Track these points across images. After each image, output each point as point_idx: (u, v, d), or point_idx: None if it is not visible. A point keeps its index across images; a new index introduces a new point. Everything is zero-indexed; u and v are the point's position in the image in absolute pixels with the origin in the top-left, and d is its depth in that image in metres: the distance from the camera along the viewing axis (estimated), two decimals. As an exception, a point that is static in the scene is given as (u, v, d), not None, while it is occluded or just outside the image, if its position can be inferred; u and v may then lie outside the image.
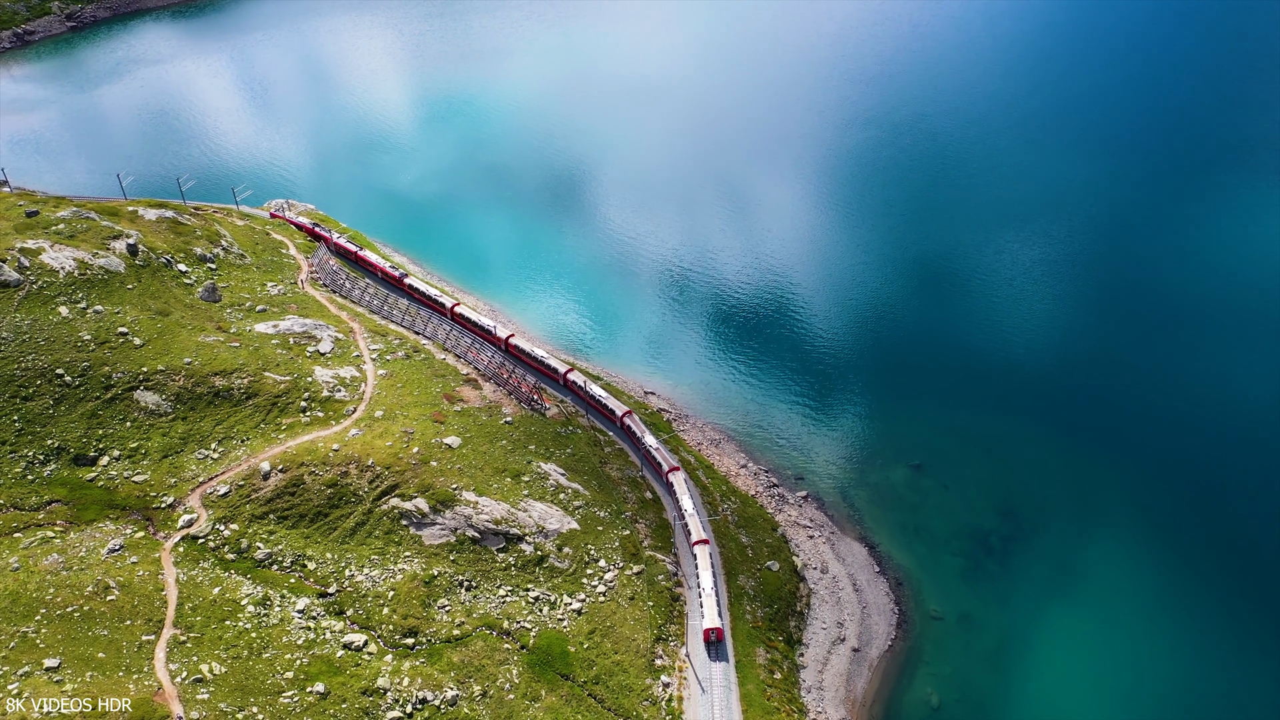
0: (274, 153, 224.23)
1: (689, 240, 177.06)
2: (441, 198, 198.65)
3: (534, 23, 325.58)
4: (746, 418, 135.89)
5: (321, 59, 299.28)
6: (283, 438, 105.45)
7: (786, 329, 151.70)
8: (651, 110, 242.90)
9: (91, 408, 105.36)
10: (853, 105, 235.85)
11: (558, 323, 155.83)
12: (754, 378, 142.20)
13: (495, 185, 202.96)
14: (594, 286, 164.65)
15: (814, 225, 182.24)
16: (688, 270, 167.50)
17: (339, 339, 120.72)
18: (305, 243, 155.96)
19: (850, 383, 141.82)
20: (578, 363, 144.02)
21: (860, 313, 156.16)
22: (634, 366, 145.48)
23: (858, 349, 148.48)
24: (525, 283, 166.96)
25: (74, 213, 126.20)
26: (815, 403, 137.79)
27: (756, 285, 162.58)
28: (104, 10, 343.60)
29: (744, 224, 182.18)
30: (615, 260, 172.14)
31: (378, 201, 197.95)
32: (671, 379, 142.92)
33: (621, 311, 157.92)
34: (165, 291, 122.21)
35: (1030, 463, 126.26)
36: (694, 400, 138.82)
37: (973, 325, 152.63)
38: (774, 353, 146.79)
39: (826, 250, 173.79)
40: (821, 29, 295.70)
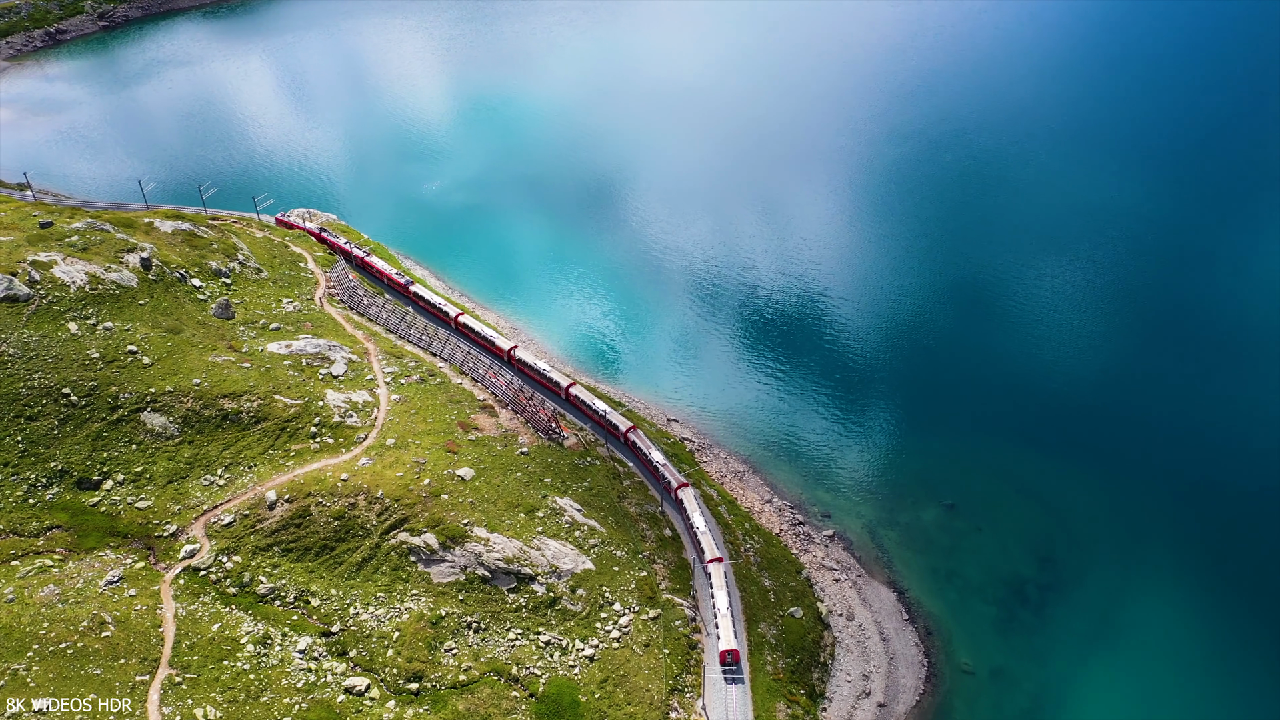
0: (298, 160, 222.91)
1: (717, 259, 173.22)
2: (466, 209, 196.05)
3: (565, 28, 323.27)
4: (772, 448, 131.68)
5: (349, 63, 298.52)
6: (291, 465, 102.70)
7: (816, 354, 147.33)
8: (682, 120, 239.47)
9: (97, 429, 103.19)
10: (890, 119, 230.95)
11: (581, 344, 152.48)
12: (781, 406, 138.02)
13: (521, 196, 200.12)
14: (619, 306, 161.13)
15: (847, 244, 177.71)
16: (716, 291, 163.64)
17: (353, 361, 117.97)
18: (325, 255, 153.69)
19: (881, 413, 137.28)
20: (599, 386, 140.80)
21: (893, 338, 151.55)
22: (658, 392, 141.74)
23: (890, 376, 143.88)
24: (548, 300, 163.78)
25: (89, 224, 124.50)
26: (844, 434, 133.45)
27: (786, 307, 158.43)
28: (136, 10, 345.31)
29: (775, 242, 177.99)
30: (642, 278, 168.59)
31: (401, 212, 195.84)
32: (696, 406, 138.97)
33: (646, 333, 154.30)
34: (177, 308, 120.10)
35: (1071, 505, 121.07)
36: (718, 429, 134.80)
37: (1011, 354, 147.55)
38: (802, 379, 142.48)
39: (859, 271, 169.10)
40: (859, 39, 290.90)
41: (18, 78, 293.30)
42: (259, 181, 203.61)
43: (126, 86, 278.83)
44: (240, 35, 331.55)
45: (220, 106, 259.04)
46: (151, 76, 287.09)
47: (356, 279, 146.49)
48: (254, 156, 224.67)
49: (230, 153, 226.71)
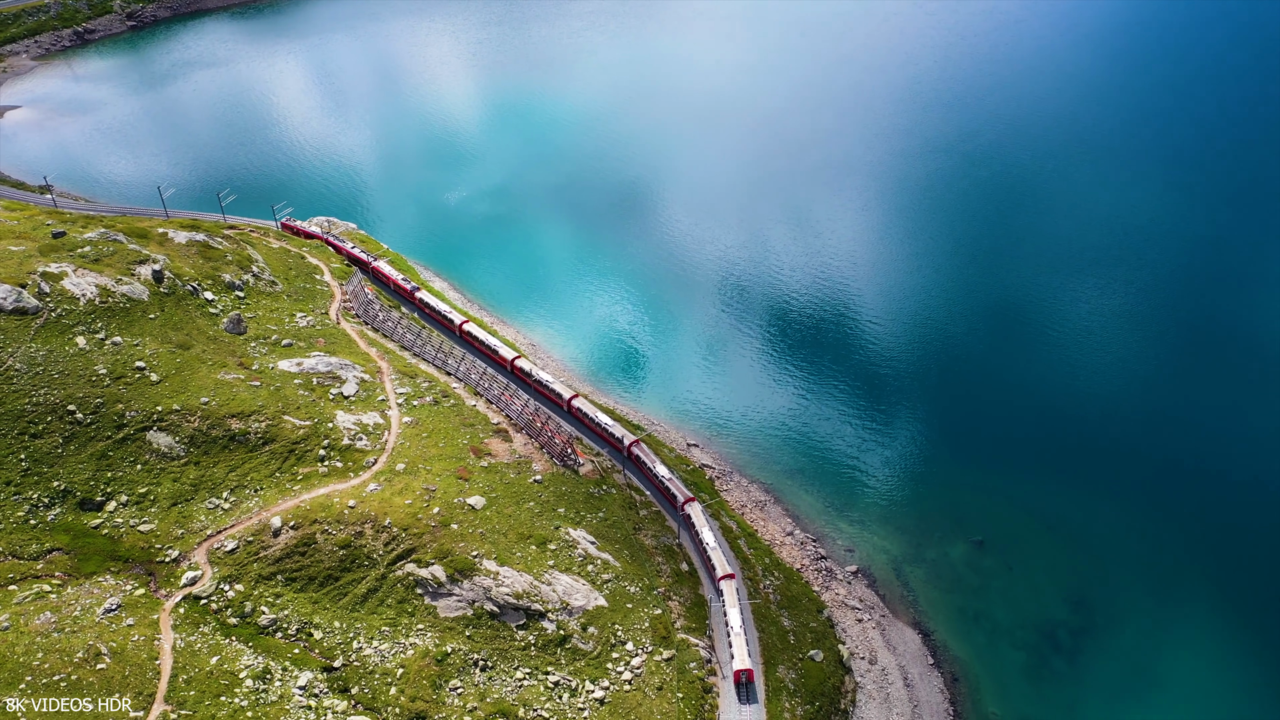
0: (319, 166, 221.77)
1: (744, 276, 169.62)
2: (488, 219, 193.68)
3: (594, 33, 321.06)
4: (795, 476, 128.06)
5: (375, 67, 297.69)
6: (297, 489, 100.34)
7: (842, 377, 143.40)
8: (711, 128, 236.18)
9: (102, 448, 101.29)
10: (923, 131, 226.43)
11: (603, 363, 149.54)
12: (805, 430, 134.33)
13: (544, 206, 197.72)
14: (643, 324, 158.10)
15: (877, 262, 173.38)
16: (741, 310, 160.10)
17: (365, 380, 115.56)
18: (342, 267, 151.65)
19: (909, 440, 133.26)
20: (619, 407, 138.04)
21: (923, 361, 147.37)
22: (679, 415, 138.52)
23: (919, 401, 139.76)
24: (569, 317, 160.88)
25: (102, 234, 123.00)
26: (871, 461, 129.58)
27: (812, 327, 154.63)
28: (164, 10, 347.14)
29: (803, 259, 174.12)
30: (666, 295, 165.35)
31: (422, 222, 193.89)
32: (717, 429, 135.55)
33: (670, 353, 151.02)
34: (188, 322, 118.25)
35: (1107, 545, 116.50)
36: (740, 454, 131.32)
37: (1046, 381, 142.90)
38: (828, 403, 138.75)
39: (889, 290, 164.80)
40: (893, 48, 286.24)
41: (45, 77, 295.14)
42: (279, 188, 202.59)
43: (152, 88, 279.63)
44: (267, 36, 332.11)
45: (243, 110, 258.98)
46: (177, 78, 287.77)
47: (373, 292, 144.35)
48: (275, 162, 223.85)
49: (251, 158, 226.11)
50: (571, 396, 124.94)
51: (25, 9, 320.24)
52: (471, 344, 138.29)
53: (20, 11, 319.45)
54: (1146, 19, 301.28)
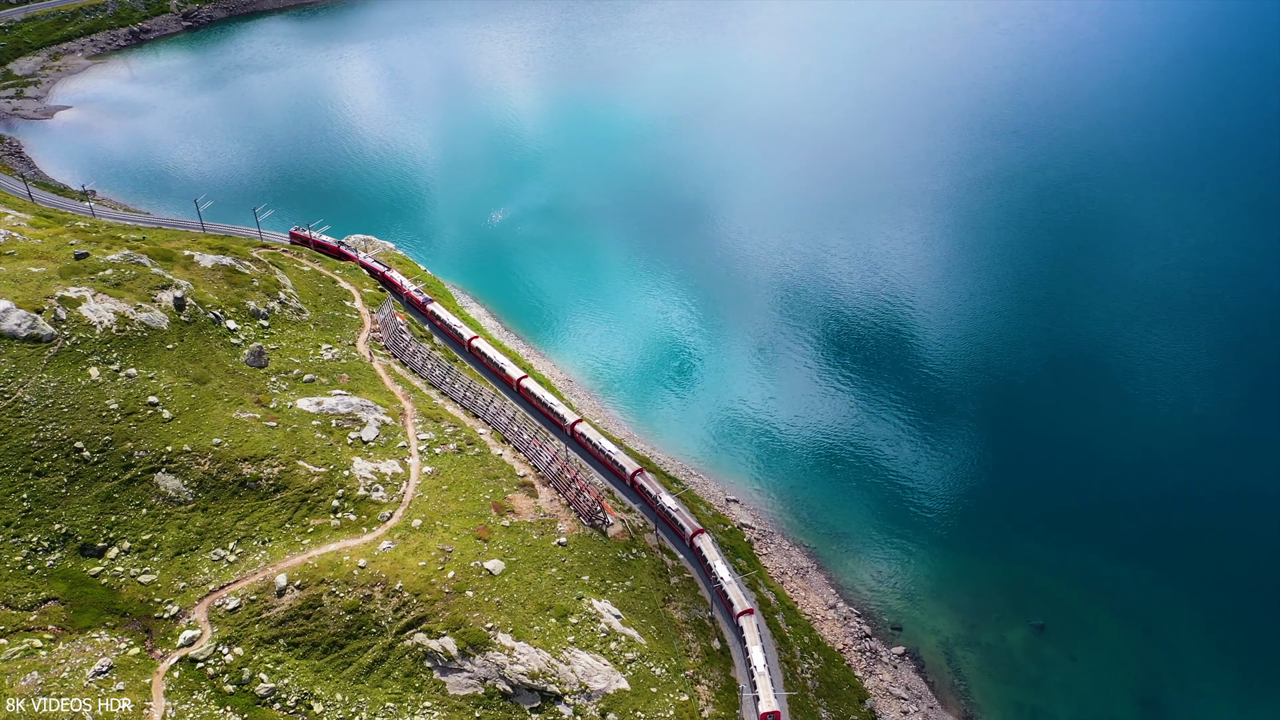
0: (362, 180, 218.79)
1: (793, 317, 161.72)
2: (533, 242, 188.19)
3: (651, 44, 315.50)
4: (841, 541, 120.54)
5: (425, 76, 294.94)
6: (306, 544, 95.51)
7: (895, 434, 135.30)
8: (769, 149, 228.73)
9: (107, 489, 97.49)
10: (992, 160, 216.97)
11: (643, 406, 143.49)
12: (853, 491, 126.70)
13: (590, 230, 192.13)
14: (683, 363, 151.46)
15: (937, 303, 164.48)
16: (790, 356, 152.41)
17: (386, 424, 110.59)
18: (375, 293, 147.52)
19: (967, 506, 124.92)
20: (655, 455, 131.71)
21: (983, 418, 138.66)
22: (719, 466, 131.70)
23: (978, 463, 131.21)
24: (611, 355, 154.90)
25: (125, 256, 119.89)
26: (923, 528, 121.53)
27: (866, 378, 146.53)
28: (220, 10, 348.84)
29: (859, 297, 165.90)
30: (708, 334, 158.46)
31: (464, 244, 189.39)
32: (759, 484, 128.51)
33: (713, 399, 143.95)
34: (208, 353, 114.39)
35: (1184, 637, 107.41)
36: (782, 513, 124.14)
37: (1119, 443, 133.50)
38: (879, 462, 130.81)
39: (949, 336, 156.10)
40: (962, 69, 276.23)
41: (98, 77, 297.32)
42: (318, 202, 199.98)
43: (201, 91, 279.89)
44: (320, 40, 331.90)
45: (290, 117, 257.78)
46: (227, 82, 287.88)
47: (405, 321, 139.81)
48: (317, 175, 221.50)
49: (292, 169, 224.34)
50: (575, 421, 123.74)
51: (83, 7, 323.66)
52: (480, 360, 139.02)
53: (78, 10, 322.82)
54: (1238, 46, 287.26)
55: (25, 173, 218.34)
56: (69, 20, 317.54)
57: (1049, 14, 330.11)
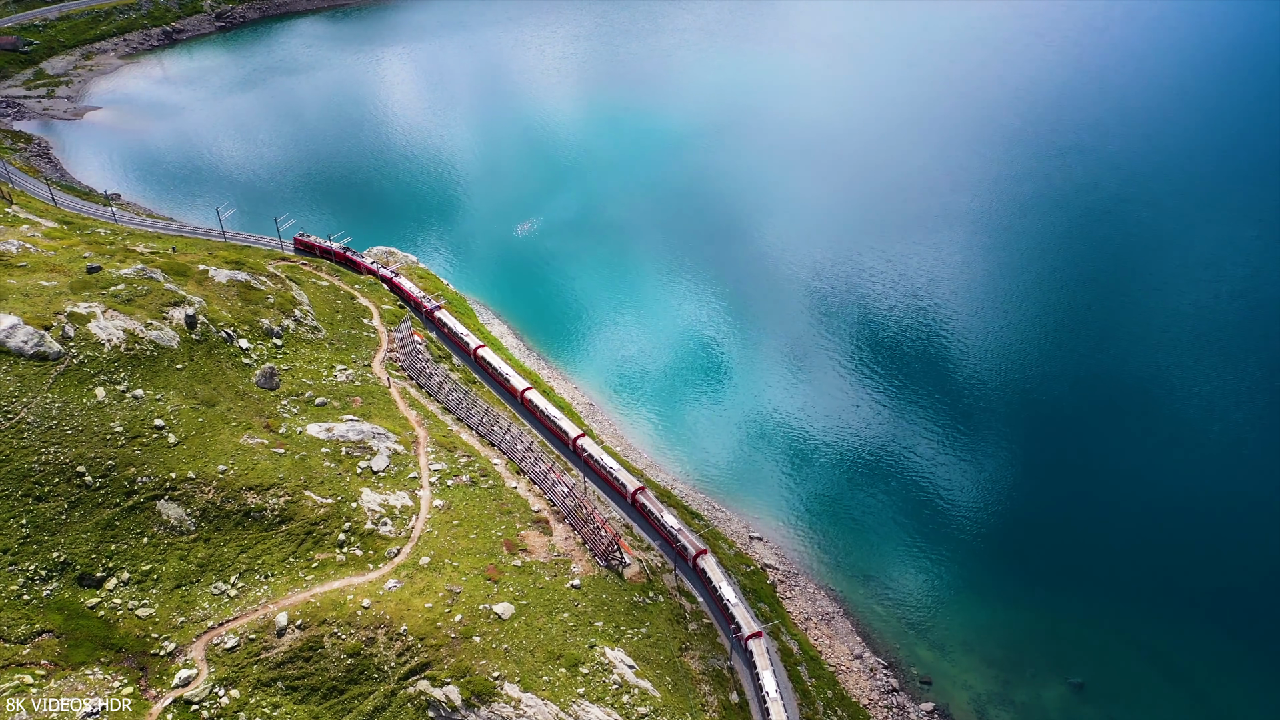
0: (388, 190, 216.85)
1: (827, 342, 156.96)
2: (560, 257, 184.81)
3: (687, 52, 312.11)
4: (869, 585, 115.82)
5: (455, 81, 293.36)
6: (310, 580, 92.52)
7: (930, 471, 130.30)
8: (806, 163, 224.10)
9: (108, 516, 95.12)
10: (1037, 180, 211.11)
11: (667, 434, 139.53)
12: (883, 531, 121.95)
13: (620, 246, 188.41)
14: (709, 389, 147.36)
15: (977, 332, 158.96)
16: (820, 384, 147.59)
17: (397, 453, 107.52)
18: (394, 309, 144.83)
19: (1002, 551, 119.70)
20: (677, 486, 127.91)
21: (1023, 457, 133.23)
22: (742, 499, 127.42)
23: (1016, 507, 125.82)
24: (636, 377, 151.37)
25: (138, 271, 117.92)
26: (956, 574, 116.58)
27: (900, 411, 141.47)
28: (254, 11, 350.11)
29: (896, 327, 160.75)
30: (738, 358, 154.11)
31: (489, 257, 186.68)
32: (785, 522, 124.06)
33: (738, 426, 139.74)
34: (218, 374, 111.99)
35: (1237, 702, 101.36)
36: (807, 554, 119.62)
37: (1168, 486, 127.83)
38: (912, 501, 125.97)
39: (991, 366, 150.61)
40: (1006, 83, 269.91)
41: (130, 77, 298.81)
42: (342, 212, 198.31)
43: (231, 94, 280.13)
44: (351, 42, 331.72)
45: (317, 122, 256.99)
46: (256, 84, 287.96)
47: (423, 340, 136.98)
48: (341, 183, 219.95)
49: (318, 177, 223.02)
50: (577, 436, 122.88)
51: (117, 6, 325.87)
52: (486, 371, 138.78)
53: (112, 9, 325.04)
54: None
55: (51, 175, 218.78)
56: (102, 19, 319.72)
57: (1097, 25, 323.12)
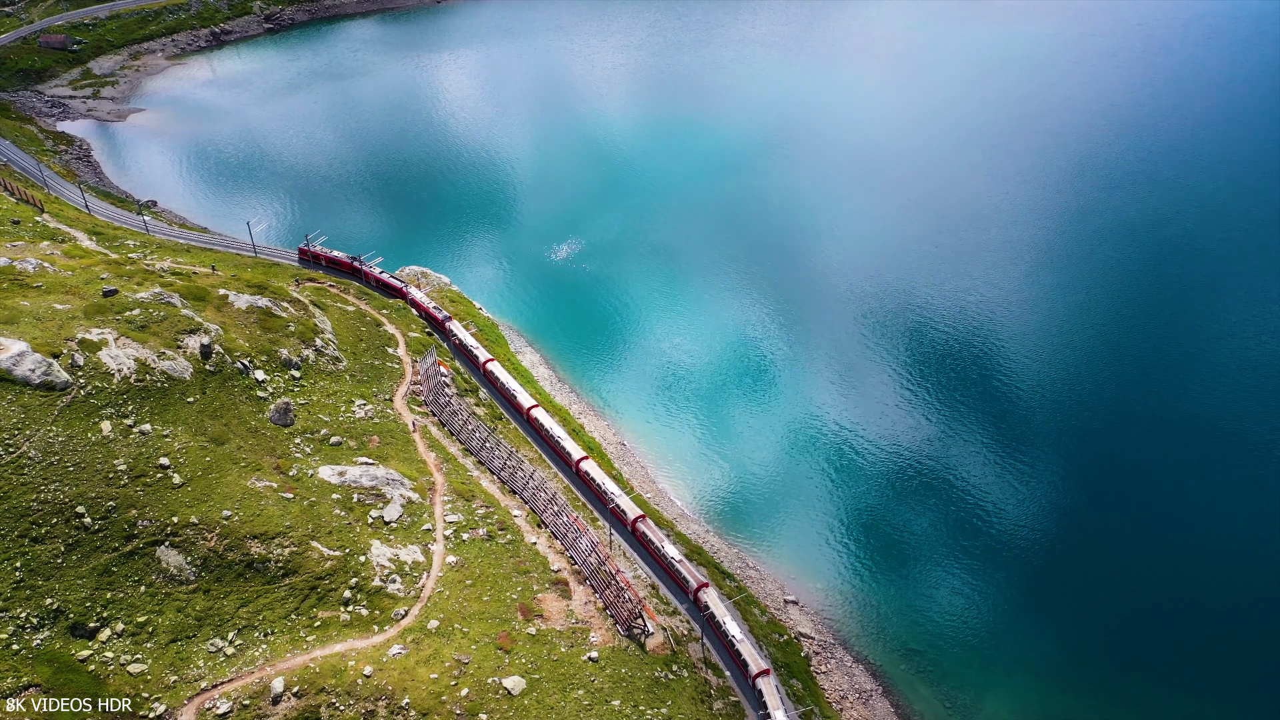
0: (423, 207, 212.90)
1: (875, 391, 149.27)
2: (598, 281, 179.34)
3: (739, 66, 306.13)
4: (913, 661, 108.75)
5: (499, 92, 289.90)
6: (311, 641, 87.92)
7: (983, 539, 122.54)
8: (860, 187, 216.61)
9: (106, 561, 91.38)
10: (1105, 212, 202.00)
11: (698, 478, 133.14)
12: (930, 600, 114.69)
13: (664, 271, 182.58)
14: (748, 431, 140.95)
15: (1041, 385, 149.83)
16: (869, 439, 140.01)
17: (411, 501, 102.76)
18: (421, 337, 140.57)
19: (1064, 630, 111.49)
20: (708, 536, 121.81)
21: (1088, 524, 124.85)
22: (778, 557, 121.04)
23: (1076, 582, 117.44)
24: (670, 413, 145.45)
25: (155, 295, 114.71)
26: (1009, 656, 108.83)
27: (951, 470, 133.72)
28: (302, 13, 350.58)
29: (951, 374, 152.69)
30: (780, 406, 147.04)
31: (524, 280, 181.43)
32: (822, 584, 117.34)
33: (778, 479, 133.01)
34: (230, 408, 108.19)
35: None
36: (846, 621, 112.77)
37: (1264, 563, 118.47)
38: (962, 569, 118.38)
39: (1054, 425, 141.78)
40: (1075, 107, 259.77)
41: (176, 79, 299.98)
42: (378, 229, 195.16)
43: (274, 99, 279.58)
44: (397, 48, 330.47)
45: (356, 133, 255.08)
46: (300, 89, 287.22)
47: (450, 373, 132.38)
48: (376, 197, 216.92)
49: (354, 189, 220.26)
50: (580, 458, 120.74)
51: (166, 6, 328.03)
52: (493, 385, 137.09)
53: (162, 8, 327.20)
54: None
55: (89, 179, 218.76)
56: (151, 19, 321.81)
57: (1173, 47, 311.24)
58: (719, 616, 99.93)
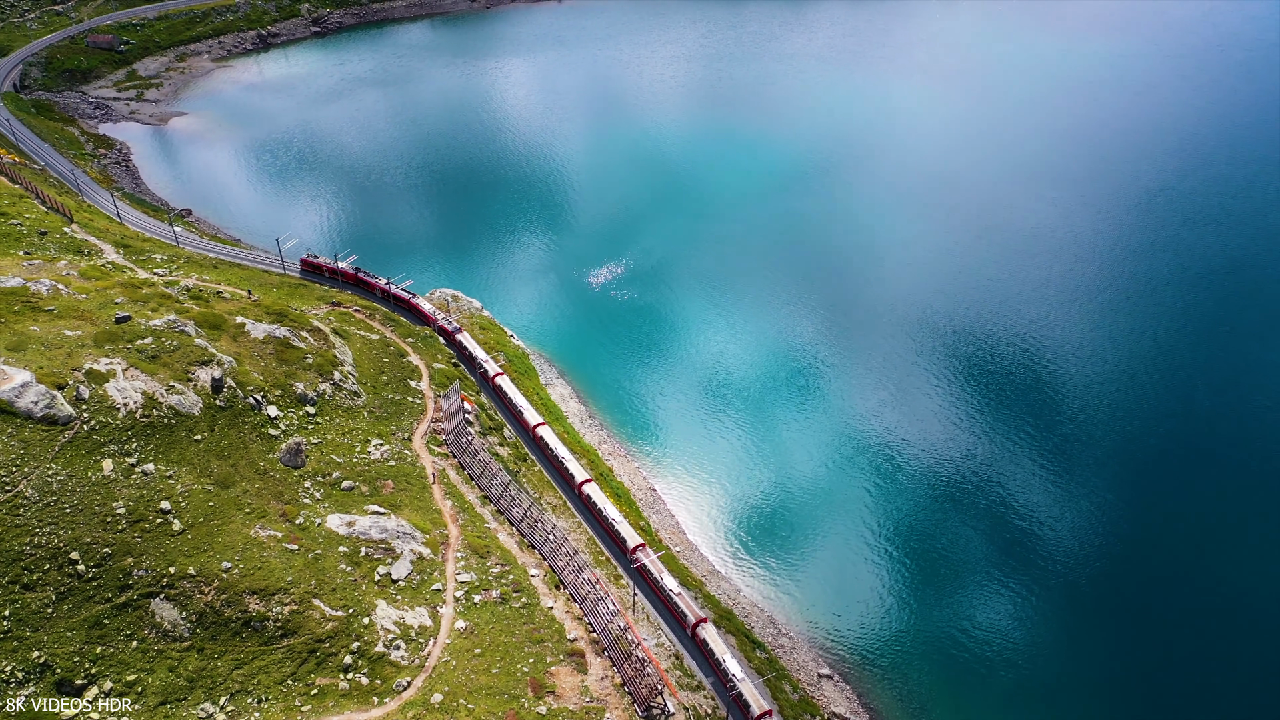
0: (459, 224, 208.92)
1: (937, 447, 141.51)
2: (636, 311, 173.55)
3: (793, 81, 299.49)
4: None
5: (544, 103, 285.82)
6: (306, 711, 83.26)
7: (1039, 616, 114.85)
8: (919, 213, 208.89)
9: (98, 613, 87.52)
10: (1182, 251, 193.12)
11: (733, 533, 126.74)
12: (977, 685, 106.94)
13: (701, 302, 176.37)
14: (787, 481, 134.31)
15: (1107, 444, 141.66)
16: (926, 499, 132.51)
17: (422, 558, 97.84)
18: (447, 369, 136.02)
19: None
20: (739, 600, 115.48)
21: (1167, 604, 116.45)
22: (815, 626, 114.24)
23: (1149, 666, 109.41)
24: (704, 454, 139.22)
25: (169, 323, 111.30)
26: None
27: (1013, 540, 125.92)
28: (350, 17, 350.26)
29: (1015, 430, 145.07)
30: (824, 450, 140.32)
31: (558, 307, 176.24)
32: (861, 657, 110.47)
33: (819, 538, 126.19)
34: (240, 447, 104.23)
35: None
36: (886, 702, 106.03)
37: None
38: (1012, 649, 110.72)
39: (1122, 499, 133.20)
40: (1151, 134, 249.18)
41: (220, 82, 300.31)
42: (410, 248, 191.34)
43: (317, 105, 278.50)
44: (444, 54, 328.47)
45: (396, 143, 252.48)
46: (343, 95, 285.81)
47: (474, 409, 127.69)
48: (413, 215, 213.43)
49: (389, 204, 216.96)
50: (583, 482, 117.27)
51: (214, 7, 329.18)
52: (501, 399, 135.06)
53: (210, 10, 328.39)
54: None
55: (126, 184, 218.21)
56: (199, 20, 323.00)
57: (1255, 71, 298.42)
58: (745, 696, 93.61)
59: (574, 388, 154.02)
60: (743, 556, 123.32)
